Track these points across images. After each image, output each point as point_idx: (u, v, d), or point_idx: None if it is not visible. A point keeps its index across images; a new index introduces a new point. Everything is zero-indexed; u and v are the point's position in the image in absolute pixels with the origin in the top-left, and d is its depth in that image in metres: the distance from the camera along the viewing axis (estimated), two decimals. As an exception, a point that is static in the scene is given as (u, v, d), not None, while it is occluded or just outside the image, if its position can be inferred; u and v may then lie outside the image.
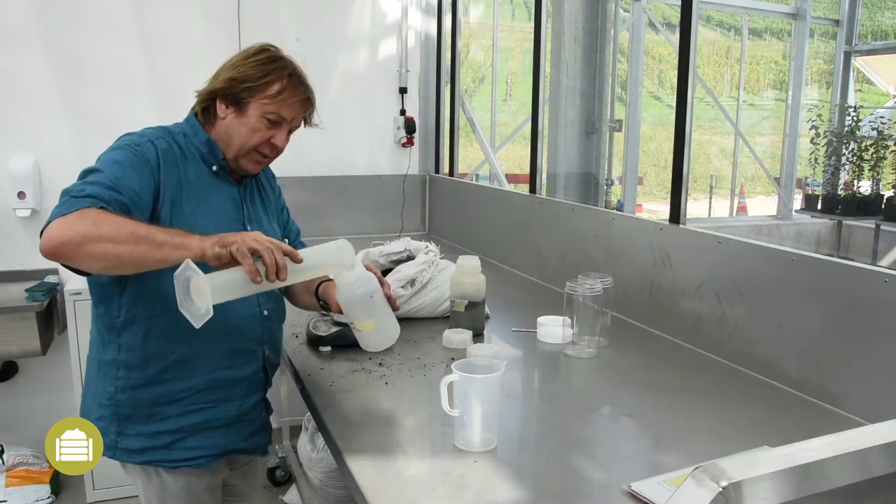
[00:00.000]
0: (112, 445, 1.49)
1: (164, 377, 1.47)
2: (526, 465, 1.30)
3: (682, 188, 2.04)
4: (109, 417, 1.49)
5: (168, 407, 1.49)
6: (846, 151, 5.90)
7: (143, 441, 1.49)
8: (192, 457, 1.52)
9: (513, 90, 13.73)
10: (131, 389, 1.48)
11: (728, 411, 1.53)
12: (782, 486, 0.59)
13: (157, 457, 1.51)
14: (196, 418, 1.51)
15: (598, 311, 1.83)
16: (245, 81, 1.48)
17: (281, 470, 3.12)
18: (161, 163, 1.44)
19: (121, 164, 1.38)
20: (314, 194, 3.52)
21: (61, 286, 3.02)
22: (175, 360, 1.47)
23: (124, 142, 1.45)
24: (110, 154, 1.41)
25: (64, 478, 3.04)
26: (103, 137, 3.34)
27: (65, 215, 1.23)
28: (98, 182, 1.31)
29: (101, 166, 1.37)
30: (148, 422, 1.49)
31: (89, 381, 1.56)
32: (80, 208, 1.24)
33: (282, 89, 1.50)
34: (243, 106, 1.50)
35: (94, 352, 1.54)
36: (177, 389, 1.48)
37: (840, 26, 7.12)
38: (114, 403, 1.49)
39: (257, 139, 1.51)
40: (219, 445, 1.56)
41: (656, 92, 14.21)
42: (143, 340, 1.45)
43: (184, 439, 1.51)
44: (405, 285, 2.06)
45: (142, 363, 1.47)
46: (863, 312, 1.48)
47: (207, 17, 3.28)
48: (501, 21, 5.89)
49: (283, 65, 1.52)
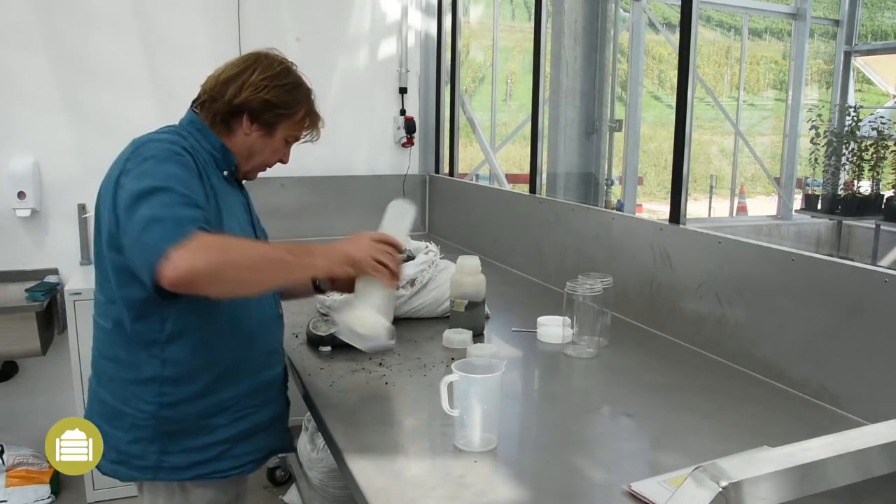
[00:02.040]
0: (154, 467, 1.42)
1: (212, 388, 1.44)
2: (526, 465, 1.30)
3: (682, 188, 2.04)
4: (149, 438, 1.42)
5: (216, 418, 1.45)
6: (846, 151, 5.90)
7: (192, 456, 1.44)
8: (241, 464, 1.50)
9: (513, 90, 13.73)
10: (177, 405, 1.41)
11: (728, 411, 1.53)
12: (782, 486, 0.59)
13: (208, 469, 1.45)
14: (243, 425, 1.49)
15: (598, 311, 1.84)
16: (279, 107, 1.51)
17: (281, 470, 3.12)
18: (200, 171, 1.41)
19: (181, 177, 1.32)
20: (314, 194, 3.52)
21: (61, 286, 3.02)
22: (223, 370, 1.45)
23: (162, 150, 1.35)
24: (163, 167, 1.31)
25: (64, 478, 3.03)
26: (103, 137, 3.34)
27: (181, 244, 1.18)
28: (183, 203, 1.26)
29: (167, 182, 1.28)
30: (196, 436, 1.44)
31: (110, 406, 1.45)
32: (189, 234, 1.19)
33: (304, 115, 1.57)
34: (272, 128, 1.53)
35: (118, 372, 1.44)
36: (224, 398, 1.46)
37: (840, 26, 7.12)
38: (155, 422, 1.41)
39: (276, 158, 1.59)
40: (264, 448, 1.55)
41: (656, 92, 14.21)
42: (192, 353, 1.41)
43: (233, 447, 1.48)
44: (405, 285, 2.06)
45: (190, 376, 1.42)
46: (863, 312, 1.48)
47: (207, 17, 3.28)
48: (501, 21, 5.89)
49: (306, 90, 1.57)
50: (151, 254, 1.18)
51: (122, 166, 1.35)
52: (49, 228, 3.13)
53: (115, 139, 1.52)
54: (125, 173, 1.33)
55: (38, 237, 3.12)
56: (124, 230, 1.28)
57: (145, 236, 1.21)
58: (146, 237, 1.21)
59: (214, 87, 1.52)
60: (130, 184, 1.29)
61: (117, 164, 1.38)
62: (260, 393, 1.53)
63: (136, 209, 1.25)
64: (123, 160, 1.36)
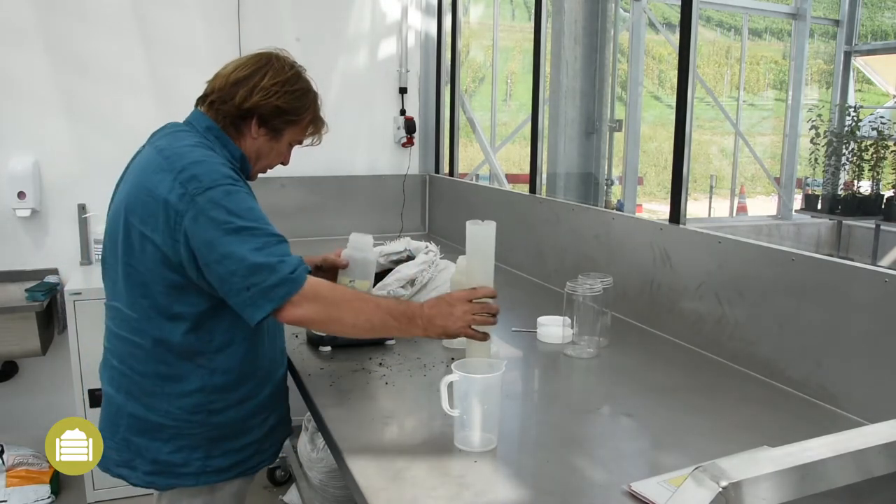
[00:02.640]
0: (198, 472, 1.47)
1: (253, 392, 1.52)
2: (526, 465, 1.30)
3: (682, 188, 2.04)
4: (193, 445, 1.46)
5: (253, 419, 1.54)
6: (846, 151, 5.89)
7: (233, 457, 1.51)
8: (268, 456, 1.61)
9: (513, 90, 13.73)
10: (223, 411, 1.48)
11: (728, 411, 1.53)
12: (782, 486, 0.59)
13: (245, 467, 1.54)
14: (271, 422, 1.59)
15: (598, 311, 1.84)
16: (288, 113, 1.53)
17: (281, 470, 3.12)
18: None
19: (258, 213, 1.39)
20: (314, 194, 3.53)
21: (61, 286, 3.02)
22: (263, 374, 1.54)
23: (226, 182, 1.37)
24: (243, 203, 1.36)
25: (64, 478, 3.03)
26: (103, 137, 3.34)
27: (300, 293, 1.33)
28: (276, 241, 1.36)
29: (256, 223, 1.36)
30: (237, 438, 1.51)
31: (146, 420, 1.45)
32: (304, 282, 1.34)
33: (310, 121, 1.60)
34: (279, 133, 1.56)
35: (160, 387, 1.44)
36: (261, 400, 1.55)
37: (840, 26, 7.11)
38: (202, 430, 1.46)
39: (280, 161, 1.63)
40: (282, 439, 1.67)
41: (656, 92, 14.21)
42: (240, 361, 1.48)
43: (263, 443, 1.58)
44: (405, 285, 2.06)
45: (236, 383, 1.48)
46: (863, 312, 1.48)
47: (207, 16, 3.28)
48: (501, 21, 5.89)
49: (314, 96, 1.59)
50: (268, 301, 1.31)
51: (170, 187, 1.34)
52: (49, 228, 3.13)
53: (115, 139, 1.53)
54: (185, 199, 1.33)
55: (38, 237, 3.12)
56: (208, 261, 1.33)
57: (252, 279, 1.31)
58: (253, 280, 1.31)
59: (224, 87, 1.51)
60: (205, 214, 1.32)
61: (155, 180, 1.37)
62: (279, 390, 1.64)
63: (222, 243, 1.31)
64: (172, 181, 1.35)
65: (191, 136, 1.48)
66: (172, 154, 1.41)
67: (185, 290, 1.39)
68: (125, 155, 1.60)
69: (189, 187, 1.33)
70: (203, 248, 1.32)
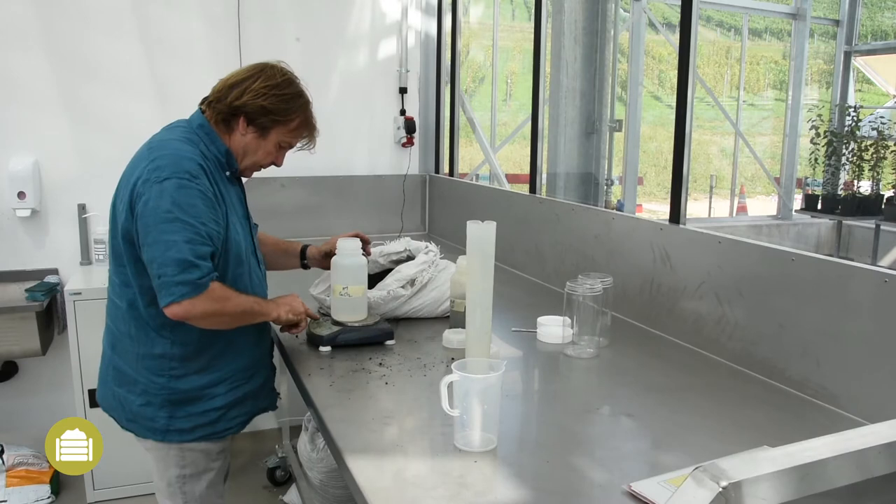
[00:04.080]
0: (162, 429, 1.64)
1: (214, 364, 1.66)
2: (526, 465, 1.30)
3: (682, 188, 2.04)
4: (158, 404, 1.63)
5: (216, 388, 1.67)
6: (846, 151, 5.89)
7: (195, 420, 1.66)
8: (234, 425, 1.73)
9: (513, 90, 13.72)
10: (183, 378, 1.63)
11: (728, 411, 1.53)
12: (782, 486, 0.59)
13: (207, 431, 1.68)
14: (237, 393, 1.71)
15: (598, 311, 1.84)
16: (274, 113, 1.66)
17: (281, 470, 3.12)
18: (215, 190, 1.59)
19: (201, 211, 1.52)
20: (314, 194, 3.53)
21: (61, 286, 3.02)
22: (223, 348, 1.67)
23: (183, 175, 1.52)
24: (188, 198, 1.50)
25: (64, 478, 3.03)
26: (103, 137, 3.34)
27: (192, 296, 1.48)
28: (201, 252, 1.50)
29: (187, 217, 1.49)
30: (198, 403, 1.66)
31: (124, 373, 1.66)
32: (206, 289, 1.49)
33: (300, 124, 1.71)
34: (266, 132, 1.68)
35: (131, 346, 1.64)
36: (224, 372, 1.68)
37: (840, 26, 7.12)
38: (165, 392, 1.63)
39: (268, 160, 1.74)
40: (252, 411, 1.78)
41: (656, 92, 14.20)
42: (198, 334, 1.60)
43: (228, 412, 1.70)
44: (405, 285, 2.06)
45: (196, 354, 1.63)
46: (863, 312, 1.48)
47: (208, 16, 3.28)
48: (501, 21, 5.89)
49: (304, 101, 1.71)
50: (168, 294, 1.48)
51: (140, 173, 1.53)
52: (49, 228, 3.13)
53: (115, 139, 1.55)
54: (147, 185, 1.50)
55: (38, 237, 3.12)
56: (144, 242, 1.50)
57: (165, 269, 1.47)
58: (165, 270, 1.47)
59: (221, 89, 1.67)
60: (153, 200, 1.49)
61: (136, 166, 1.56)
62: (252, 366, 1.75)
63: (157, 229, 1.48)
64: (143, 168, 1.53)
65: (181, 132, 1.65)
66: (155, 145, 1.61)
67: (143, 264, 1.55)
68: (125, 155, 1.65)
69: (152, 175, 1.51)
70: (142, 230, 1.51)
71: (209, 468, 1.74)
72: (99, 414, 1.78)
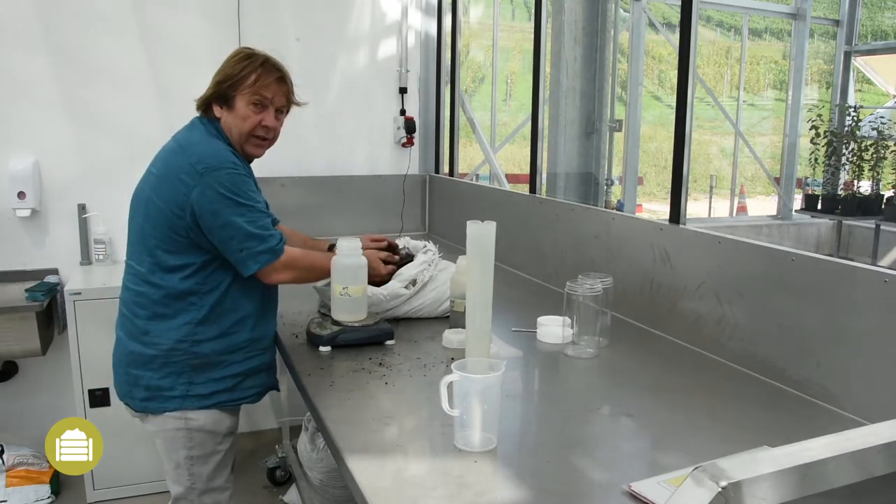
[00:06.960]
0: (182, 395, 1.75)
1: (231, 330, 1.77)
2: (526, 465, 1.30)
3: (682, 188, 2.04)
4: (178, 372, 1.74)
5: (232, 355, 1.79)
6: (846, 151, 5.89)
7: (213, 385, 1.77)
8: (249, 395, 1.85)
9: (513, 90, 13.73)
10: (203, 342, 1.74)
11: (728, 411, 1.53)
12: (782, 486, 0.59)
13: (224, 398, 1.79)
14: (251, 363, 1.83)
15: (598, 311, 1.84)
16: (227, 80, 1.76)
17: (281, 470, 3.12)
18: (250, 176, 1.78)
19: (253, 192, 1.74)
20: (314, 194, 3.52)
21: (61, 286, 3.02)
22: (242, 316, 1.79)
23: (229, 165, 1.70)
24: (242, 185, 1.71)
25: (64, 478, 3.03)
26: (103, 137, 3.34)
27: (279, 260, 1.74)
28: (267, 216, 1.76)
29: (250, 201, 1.71)
30: (216, 368, 1.77)
31: (141, 353, 1.75)
32: (283, 253, 1.74)
33: (258, 77, 1.76)
34: (232, 101, 1.77)
35: (156, 325, 1.74)
36: (240, 340, 1.79)
37: (840, 26, 7.12)
38: (187, 357, 1.74)
39: (250, 125, 1.78)
40: (264, 384, 1.90)
41: (656, 92, 14.21)
42: (221, 297, 1.75)
43: (243, 381, 1.82)
44: (408, 285, 2.06)
45: (217, 318, 1.75)
46: (863, 312, 1.48)
47: (207, 16, 3.28)
48: (501, 21, 5.89)
49: (254, 58, 1.78)
50: (254, 262, 1.70)
51: (184, 167, 1.67)
52: (49, 228, 3.13)
53: (115, 139, 1.55)
54: (195, 177, 1.66)
55: (38, 237, 3.12)
56: (213, 225, 1.67)
57: (246, 244, 1.69)
58: (247, 244, 1.69)
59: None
60: (212, 189, 1.65)
61: (171, 161, 1.72)
62: (264, 339, 1.87)
63: (225, 213, 1.66)
64: (184, 162, 1.68)
65: (203, 130, 1.79)
66: (186, 143, 1.75)
67: (183, 248, 1.70)
68: (125, 155, 1.65)
69: (198, 167, 1.66)
70: (208, 216, 1.66)
71: (216, 451, 1.82)
72: (99, 414, 1.79)
